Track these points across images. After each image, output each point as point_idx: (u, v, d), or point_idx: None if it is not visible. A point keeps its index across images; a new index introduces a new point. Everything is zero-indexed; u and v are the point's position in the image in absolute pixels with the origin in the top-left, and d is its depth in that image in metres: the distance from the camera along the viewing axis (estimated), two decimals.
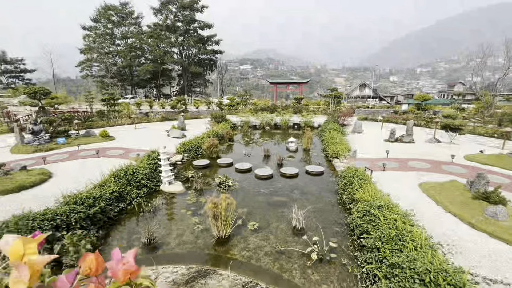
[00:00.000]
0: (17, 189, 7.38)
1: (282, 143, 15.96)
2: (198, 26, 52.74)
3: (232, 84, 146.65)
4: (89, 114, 23.03)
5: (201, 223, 6.33)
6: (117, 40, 54.04)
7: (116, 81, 53.89)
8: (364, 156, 11.56)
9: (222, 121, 20.87)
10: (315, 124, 22.02)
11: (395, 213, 5.28)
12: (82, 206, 5.99)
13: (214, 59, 58.73)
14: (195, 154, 12.41)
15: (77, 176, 8.81)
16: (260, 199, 7.84)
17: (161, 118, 24.65)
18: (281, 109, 27.03)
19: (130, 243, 5.67)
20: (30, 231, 4.83)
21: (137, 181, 8.09)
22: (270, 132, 20.30)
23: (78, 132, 15.83)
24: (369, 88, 62.19)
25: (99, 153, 11.35)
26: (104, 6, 50.71)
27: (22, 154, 11.62)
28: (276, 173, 10.06)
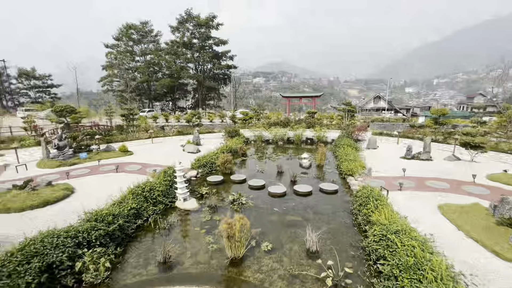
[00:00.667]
0: (42, 204, 7.80)
1: (295, 159, 15.94)
2: (213, 42, 54.66)
3: (245, 96, 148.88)
4: (109, 128, 24.06)
5: (215, 243, 6.39)
6: (136, 56, 56.85)
7: (134, 95, 56.21)
8: (380, 174, 11.34)
9: (235, 135, 21.17)
10: (328, 139, 21.88)
11: (413, 239, 5.14)
12: (102, 223, 6.24)
13: (228, 73, 60.27)
14: (209, 170, 12.62)
15: (97, 192, 9.19)
16: (273, 218, 7.83)
17: (177, 132, 25.33)
18: (294, 124, 27.11)
19: (146, 261, 5.80)
20: (55, 247, 5.07)
21: (154, 198, 8.33)
22: (283, 147, 20.34)
23: (99, 147, 16.57)
24: (384, 100, 61.30)
25: (118, 169, 11.81)
26: (126, 25, 53.80)
27: (48, 169, 12.28)
28: (289, 190, 10.04)
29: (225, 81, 61.25)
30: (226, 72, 59.71)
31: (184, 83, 59.89)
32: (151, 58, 56.02)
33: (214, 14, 52.20)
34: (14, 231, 6.49)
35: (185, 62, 55.57)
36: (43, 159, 13.26)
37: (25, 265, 4.58)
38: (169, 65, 54.46)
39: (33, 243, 5.06)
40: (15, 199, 7.80)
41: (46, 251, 4.92)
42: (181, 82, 58.36)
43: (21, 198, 7.88)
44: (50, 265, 4.84)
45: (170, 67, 54.10)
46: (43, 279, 4.62)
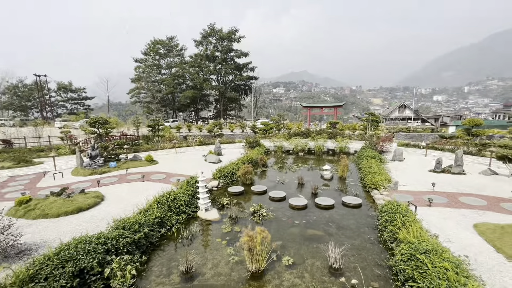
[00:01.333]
0: (76, 211, 8.33)
1: (316, 170, 15.68)
2: (235, 54, 56.25)
3: (266, 106, 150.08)
4: (136, 138, 25.31)
5: (236, 255, 6.41)
6: (162, 69, 59.92)
7: (160, 106, 58.86)
8: (407, 188, 10.81)
9: (256, 146, 21.32)
10: (351, 150, 21.32)
11: (446, 260, 4.81)
12: (129, 231, 6.52)
13: (248, 84, 61.40)
14: (230, 180, 12.78)
15: (125, 200, 9.64)
16: (294, 232, 7.72)
17: (199, 142, 26.02)
18: (315, 134, 26.78)
19: (169, 270, 5.93)
20: (87, 253, 5.37)
21: (177, 207, 8.57)
22: (304, 158, 20.11)
23: (127, 156, 17.47)
24: (410, 109, 58.78)
25: (144, 177, 12.35)
26: (154, 40, 57.15)
27: (81, 176, 13.14)
28: (310, 203, 9.87)
29: (245, 91, 62.40)
30: (247, 83, 60.90)
31: (207, 94, 61.86)
32: (176, 71, 58.76)
33: (236, 27, 53.96)
34: (51, 235, 6.98)
35: (208, 74, 57.55)
36: (77, 167, 14.22)
37: (60, 269, 4.89)
38: (193, 77, 56.72)
39: (67, 248, 5.40)
40: (52, 205, 8.40)
41: (79, 256, 5.22)
42: (204, 93, 60.35)
43: (57, 204, 8.48)
44: (82, 270, 5.12)
45: (194, 79, 56.30)
46: (75, 283, 4.89)
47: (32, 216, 8.02)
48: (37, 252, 6.11)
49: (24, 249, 6.25)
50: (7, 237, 5.89)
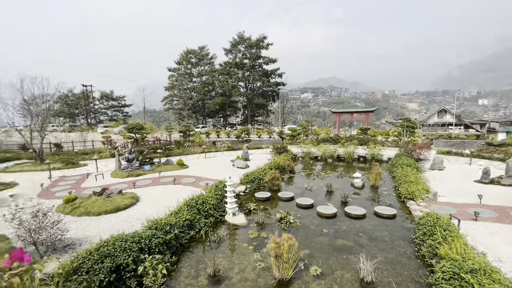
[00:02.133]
0: (114, 210, 8.95)
1: (346, 177, 15.11)
2: (263, 61, 56.96)
3: (293, 112, 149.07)
4: (168, 143, 26.59)
5: (262, 261, 6.37)
6: (194, 78, 62.66)
7: (190, 113, 61.43)
8: (448, 199, 9.94)
9: (283, 152, 21.19)
10: (384, 158, 20.25)
11: (497, 282, 4.32)
12: (161, 231, 6.82)
13: (276, 90, 61.61)
14: (257, 186, 12.82)
15: (157, 202, 10.13)
16: (322, 241, 7.47)
17: (227, 147, 26.57)
18: (344, 140, 25.91)
19: (197, 272, 6.07)
20: (123, 250, 5.71)
21: (206, 211, 8.79)
22: (333, 165, 19.50)
23: (160, 160, 18.43)
24: (451, 114, 54.37)
25: (175, 181, 12.90)
26: (186, 50, 60.19)
27: (119, 178, 14.12)
28: (340, 212, 9.51)
29: (273, 97, 62.64)
30: (274, 89, 61.17)
31: (235, 100, 63.25)
32: (206, 79, 61.14)
33: (264, 35, 54.72)
34: (92, 232, 7.55)
35: (237, 81, 58.93)
36: (116, 169, 15.31)
37: (99, 264, 5.25)
38: (222, 85, 58.49)
39: (106, 245, 5.79)
40: (94, 204, 9.12)
41: (116, 253, 5.57)
42: (232, 100, 61.82)
43: (98, 203, 9.18)
44: (118, 266, 5.46)
45: (223, 86, 58.02)
46: (112, 278, 5.21)
47: (77, 213, 8.77)
48: (80, 247, 6.64)
49: (70, 244, 6.84)
50: (56, 232, 6.49)
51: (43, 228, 6.26)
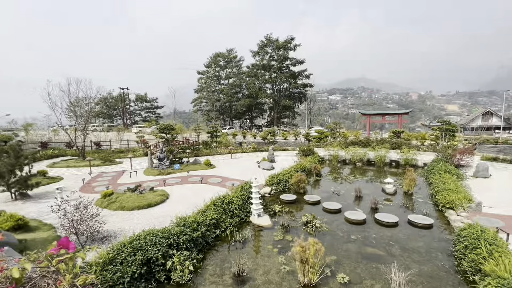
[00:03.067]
0: (146, 206, 9.45)
1: (376, 183, 14.40)
2: (290, 63, 56.50)
3: (320, 114, 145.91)
4: (196, 143, 27.47)
5: (287, 264, 6.28)
6: (221, 80, 64.14)
7: (218, 114, 62.96)
8: (494, 211, 9.01)
9: (309, 154, 20.80)
10: (419, 163, 18.97)
11: None
12: (189, 229, 7.03)
13: (303, 91, 60.76)
14: (283, 188, 12.71)
15: (186, 200, 10.49)
16: (350, 248, 7.18)
17: (253, 148, 26.73)
18: (375, 144, 24.73)
19: (222, 271, 6.16)
20: (154, 245, 5.98)
21: (231, 211, 8.91)
22: (362, 169, 18.70)
23: (189, 160, 19.10)
24: (497, 116, 49.36)
25: (202, 180, 13.27)
26: (215, 53, 61.89)
27: (151, 176, 14.88)
28: (369, 218, 9.08)
29: (300, 99, 61.85)
30: (301, 91, 60.36)
31: (261, 102, 63.50)
32: (234, 81, 62.26)
33: (292, 36, 54.28)
34: (126, 226, 8.02)
35: (263, 83, 59.10)
36: (148, 168, 16.16)
37: (132, 256, 5.56)
38: (249, 86, 59.07)
39: (138, 238, 6.11)
40: (128, 200, 9.70)
41: (147, 247, 5.86)
42: (259, 102, 62.14)
43: (132, 199, 9.75)
44: (148, 259, 5.73)
45: (250, 88, 58.58)
46: (143, 270, 5.49)
47: (113, 207, 9.39)
48: (115, 239, 7.10)
49: (106, 235, 7.34)
50: (94, 224, 7.00)
51: (83, 220, 6.79)
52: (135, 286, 5.28)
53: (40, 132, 32.72)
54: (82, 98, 23.95)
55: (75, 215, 6.78)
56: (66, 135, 24.05)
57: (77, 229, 6.70)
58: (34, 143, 27.12)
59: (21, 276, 1.20)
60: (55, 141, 29.86)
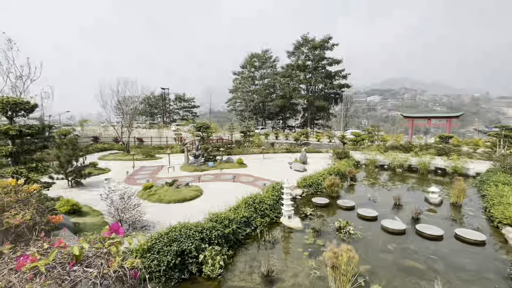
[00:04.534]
0: (181, 200, 9.95)
1: (418, 191, 13.33)
2: (327, 63, 54.95)
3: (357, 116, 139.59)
4: (230, 142, 28.14)
5: (317, 269, 6.13)
6: (256, 80, 64.79)
7: (251, 114, 63.73)
8: None
9: (344, 157, 20.01)
10: (470, 172, 17.11)
11: None
12: (220, 225, 7.23)
13: (339, 92, 58.66)
14: (315, 191, 12.43)
15: (218, 196, 10.81)
16: (387, 258, 6.75)
17: (285, 149, 26.55)
18: (418, 149, 22.88)
19: (251, 269, 6.22)
20: (188, 238, 6.27)
21: (262, 210, 8.96)
22: (402, 175, 17.44)
23: (222, 158, 19.67)
24: None
25: (234, 178, 13.56)
26: (251, 54, 62.77)
27: (187, 172, 15.65)
28: (410, 229, 8.43)
29: (336, 100, 59.81)
30: (337, 91, 58.34)
31: (295, 103, 62.79)
32: (268, 81, 62.47)
33: (329, 35, 52.74)
34: (163, 217, 8.52)
35: (298, 84, 58.35)
36: (184, 164, 17.01)
37: (168, 247, 5.89)
38: (283, 87, 58.77)
39: (174, 230, 6.45)
40: (166, 193, 10.32)
41: (182, 239, 6.16)
42: (292, 102, 61.54)
43: (169, 193, 10.35)
44: (183, 251, 6.02)
45: (284, 88, 58.26)
46: (177, 261, 5.79)
47: (152, 199, 10.06)
48: (153, 229, 7.58)
49: (145, 225, 7.89)
50: (136, 213, 7.58)
51: (127, 209, 7.39)
52: (169, 275, 5.60)
53: (92, 127, 36.38)
54: (128, 97, 26.09)
55: (120, 204, 7.41)
56: (114, 131, 26.41)
57: (121, 217, 7.31)
58: (87, 137, 30.27)
59: (80, 254, 1.36)
60: (104, 136, 32.95)
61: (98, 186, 12.33)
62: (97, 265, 1.42)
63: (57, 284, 1.30)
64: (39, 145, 9.08)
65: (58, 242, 1.52)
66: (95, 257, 1.46)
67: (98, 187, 12.20)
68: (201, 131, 20.38)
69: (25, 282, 1.28)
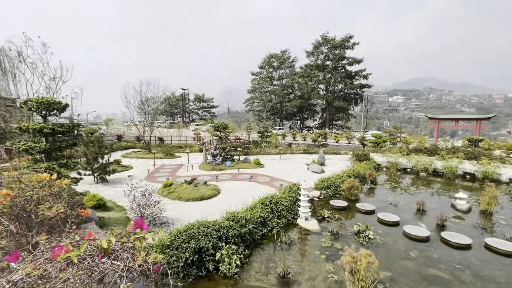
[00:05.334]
0: (199, 198, 10.15)
1: (444, 197, 12.67)
2: (347, 62, 53.72)
3: (378, 117, 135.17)
4: (247, 142, 28.28)
5: (335, 273, 6.01)
6: (274, 81, 64.69)
7: (269, 115, 63.67)
8: None
9: (364, 159, 19.46)
10: (502, 178, 16.00)
11: None
12: (237, 224, 7.30)
13: (360, 93, 57.10)
14: (333, 193, 12.19)
15: (235, 196, 10.90)
16: (408, 265, 6.48)
17: (303, 150, 26.26)
18: (445, 152, 21.73)
19: (267, 270, 6.22)
20: (205, 235, 6.39)
21: (279, 211, 8.93)
22: (427, 180, 16.64)
23: (239, 158, 19.83)
24: None
25: (251, 178, 13.62)
26: (269, 55, 62.75)
27: (205, 171, 15.94)
28: (434, 236, 8.04)
29: (356, 101, 58.28)
30: (358, 92, 56.80)
31: (313, 103, 61.93)
32: (286, 82, 62.15)
33: (350, 34, 51.51)
34: (181, 215, 8.74)
35: (316, 84, 57.50)
36: (203, 163, 17.34)
37: (186, 244, 6.03)
38: (301, 87, 58.20)
39: (192, 228, 6.59)
40: (185, 191, 10.57)
41: (199, 237, 6.28)
42: (310, 103, 60.74)
43: (188, 191, 10.60)
44: (200, 249, 6.14)
45: (302, 89, 57.68)
46: (195, 258, 5.91)
47: (171, 197, 10.36)
48: (172, 226, 7.80)
49: (165, 221, 8.13)
50: (156, 210, 7.84)
51: (148, 205, 7.66)
52: (187, 271, 5.73)
53: (117, 126, 38.05)
54: (150, 98, 27.04)
55: (142, 200, 7.69)
56: (136, 130, 27.48)
57: (142, 213, 7.59)
58: (112, 135, 31.69)
59: (108, 247, 1.45)
60: (127, 134, 34.32)
61: (121, 183, 12.88)
62: (123, 259, 1.50)
63: (87, 274, 1.40)
64: (69, 143, 9.65)
65: (88, 235, 1.63)
66: (122, 250, 1.55)
67: (121, 183, 12.74)
68: (219, 131, 20.70)
69: (59, 271, 1.39)
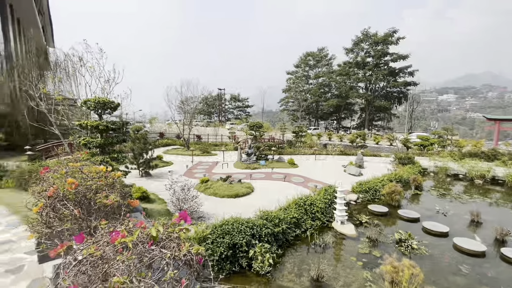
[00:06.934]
0: (234, 195, 10.41)
1: (505, 208, 11.19)
2: (390, 58, 50.30)
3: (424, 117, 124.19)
4: (281, 142, 28.17)
5: (373, 282, 5.69)
6: (310, 80, 63.34)
7: (304, 114, 62.58)
8: None
9: (408, 163, 18.04)
10: None
11: None
12: (271, 223, 7.32)
13: (404, 91, 53.03)
14: (372, 198, 11.55)
15: (269, 195, 10.95)
16: (459, 282, 5.87)
17: (339, 151, 25.30)
18: (507, 158, 19.15)
19: (300, 271, 6.14)
20: (239, 232, 6.52)
21: (313, 213, 8.74)
22: (483, 188, 14.84)
23: (273, 157, 19.85)
24: None
25: (285, 178, 13.54)
26: (305, 53, 61.58)
27: (239, 169, 16.28)
28: (491, 252, 7.16)
29: (399, 99, 54.26)
30: (402, 90, 52.83)
31: (351, 102, 59.18)
32: (323, 80, 60.35)
33: (394, 28, 48.13)
34: (216, 211, 9.04)
35: (355, 82, 54.89)
36: (237, 161, 17.73)
37: (221, 238, 6.24)
38: (339, 86, 56.06)
39: (226, 223, 6.78)
40: (220, 188, 10.93)
41: (233, 233, 6.44)
42: (348, 102, 58.13)
43: (223, 188, 10.94)
44: (234, 244, 6.29)
45: (340, 87, 55.54)
46: (229, 253, 6.08)
47: (208, 193, 10.78)
48: (208, 221, 8.11)
49: (201, 216, 8.49)
50: (193, 204, 8.23)
51: (186, 200, 8.08)
52: (221, 265, 5.92)
53: (159, 124, 40.79)
54: (189, 98, 28.45)
55: (181, 194, 8.14)
56: (177, 128, 29.11)
57: (181, 206, 8.04)
58: (155, 133, 34.05)
59: (157, 235, 1.58)
60: (168, 132, 36.55)
61: (162, 177, 13.77)
62: (170, 248, 1.62)
63: (139, 259, 1.54)
64: (120, 139, 10.62)
65: (140, 223, 1.79)
66: (168, 240, 1.68)
67: (162, 178, 13.63)
68: (254, 130, 20.96)
69: (116, 254, 1.56)
